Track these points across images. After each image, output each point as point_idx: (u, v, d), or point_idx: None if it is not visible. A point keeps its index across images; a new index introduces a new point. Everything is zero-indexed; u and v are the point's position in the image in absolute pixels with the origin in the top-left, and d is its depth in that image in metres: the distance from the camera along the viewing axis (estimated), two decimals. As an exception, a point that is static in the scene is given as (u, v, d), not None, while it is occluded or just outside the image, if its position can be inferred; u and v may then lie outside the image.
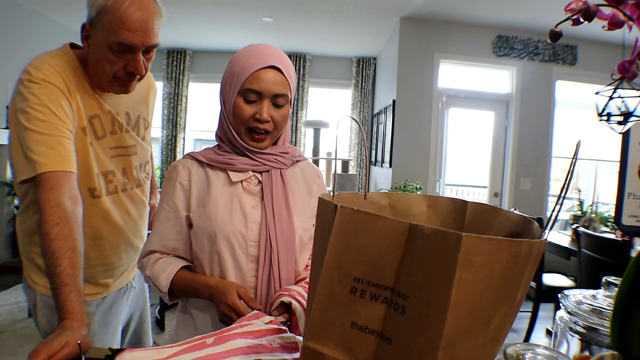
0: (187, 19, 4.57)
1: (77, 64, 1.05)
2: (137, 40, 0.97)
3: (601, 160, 4.97)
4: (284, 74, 0.93)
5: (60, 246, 0.86)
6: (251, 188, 0.98)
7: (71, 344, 0.75)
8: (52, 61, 1.00)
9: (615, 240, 2.41)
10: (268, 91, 0.92)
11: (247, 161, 0.97)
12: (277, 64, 0.92)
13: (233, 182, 0.97)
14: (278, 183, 0.98)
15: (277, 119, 0.95)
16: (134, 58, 1.00)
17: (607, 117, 2.24)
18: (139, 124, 1.22)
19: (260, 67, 0.91)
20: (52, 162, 0.92)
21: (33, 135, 0.93)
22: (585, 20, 0.71)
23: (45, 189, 0.90)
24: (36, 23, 4.42)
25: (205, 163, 0.99)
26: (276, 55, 0.94)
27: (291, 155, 1.03)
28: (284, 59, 0.95)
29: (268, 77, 0.91)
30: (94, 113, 1.08)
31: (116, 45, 0.97)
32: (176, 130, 5.76)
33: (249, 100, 0.93)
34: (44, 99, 0.95)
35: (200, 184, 0.98)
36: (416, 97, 4.25)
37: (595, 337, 0.58)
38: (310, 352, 0.48)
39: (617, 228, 0.76)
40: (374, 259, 0.45)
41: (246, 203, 0.96)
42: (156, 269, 0.97)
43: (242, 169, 0.97)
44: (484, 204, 0.61)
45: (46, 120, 0.94)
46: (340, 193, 0.62)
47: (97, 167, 1.09)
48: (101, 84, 1.06)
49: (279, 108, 0.94)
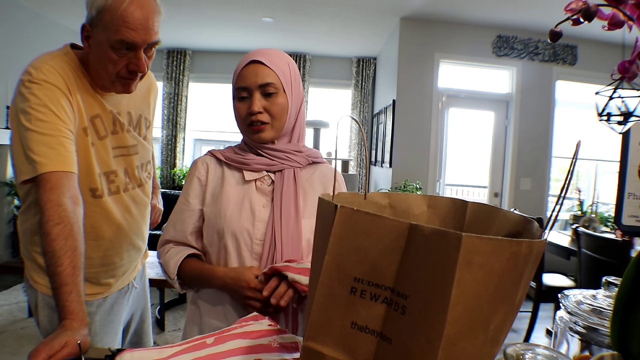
0: (187, 19, 4.57)
1: (77, 64, 1.05)
2: (139, 38, 0.98)
3: (601, 160, 4.97)
4: (267, 64, 0.95)
5: (60, 246, 0.86)
6: (264, 187, 1.00)
7: (71, 344, 0.75)
8: (52, 62, 1.00)
9: (615, 240, 2.41)
10: (253, 84, 0.95)
11: (260, 160, 1.00)
12: (258, 58, 0.95)
13: (246, 181, 1.00)
14: (289, 183, 0.99)
15: (270, 108, 0.96)
16: (136, 56, 1.01)
17: (607, 117, 2.24)
18: (140, 124, 1.22)
19: (243, 65, 0.96)
20: (52, 162, 0.92)
21: (34, 135, 0.93)
22: (585, 20, 0.71)
23: (45, 189, 0.90)
24: (36, 23, 4.42)
25: (223, 161, 1.03)
26: (260, 52, 0.97)
27: (306, 155, 1.04)
28: (268, 53, 0.97)
29: (251, 72, 0.95)
30: (96, 113, 1.08)
31: (118, 43, 0.97)
32: (176, 130, 5.76)
33: (241, 98, 0.97)
34: (44, 100, 0.95)
35: (216, 180, 1.02)
36: (416, 97, 4.25)
37: (595, 337, 0.58)
38: (310, 352, 0.48)
39: (617, 228, 0.76)
40: (374, 259, 0.45)
41: (256, 202, 0.98)
42: (167, 256, 1.02)
43: (256, 169, 1.00)
44: (484, 204, 0.61)
45: (47, 120, 0.94)
46: (340, 193, 0.62)
47: (99, 167, 1.09)
48: (104, 83, 1.06)
49: (270, 97, 0.96)
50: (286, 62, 1.00)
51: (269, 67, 0.95)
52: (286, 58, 1.01)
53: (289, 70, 0.99)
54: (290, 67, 1.00)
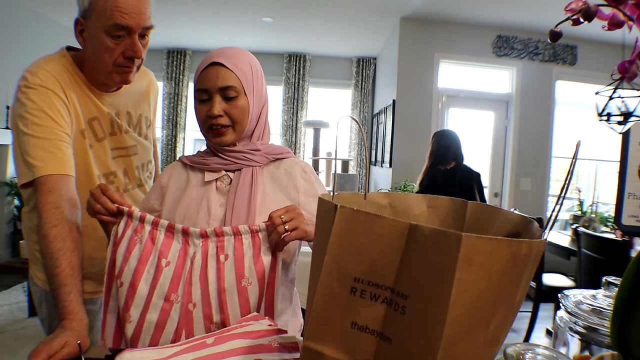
0: (187, 19, 4.57)
1: (74, 67, 1.06)
2: (133, 22, 0.98)
3: (601, 160, 4.97)
4: (228, 66, 0.94)
5: (59, 247, 0.87)
6: (222, 187, 1.01)
7: (71, 343, 0.75)
8: (48, 66, 1.01)
9: (615, 240, 2.41)
10: (213, 86, 0.94)
11: (219, 161, 1.00)
12: (219, 60, 0.94)
13: (207, 182, 1.01)
14: (245, 182, 0.99)
15: (231, 111, 0.96)
16: (131, 42, 1.00)
17: (607, 117, 2.24)
18: (140, 123, 1.22)
19: (204, 67, 0.95)
20: (49, 165, 0.93)
21: (31, 139, 0.94)
22: (585, 20, 0.71)
23: (43, 192, 0.91)
24: (36, 23, 4.42)
25: (188, 165, 1.04)
26: (222, 53, 0.96)
27: (265, 153, 1.02)
28: (230, 54, 0.96)
29: (211, 74, 0.94)
30: (93, 115, 1.08)
31: (112, 28, 0.97)
32: (176, 130, 5.76)
33: (201, 100, 0.96)
34: (40, 104, 0.96)
35: (179, 184, 1.04)
36: (416, 97, 4.25)
37: (595, 337, 0.58)
38: (310, 352, 0.48)
39: (617, 228, 0.76)
40: (374, 259, 0.45)
41: (214, 201, 0.99)
42: None
43: (215, 169, 1.00)
44: (484, 204, 0.61)
45: (43, 124, 0.95)
46: (340, 193, 0.62)
47: (98, 168, 1.10)
48: (101, 78, 1.06)
49: (231, 100, 0.95)
50: (248, 63, 0.98)
51: (230, 70, 0.94)
52: (249, 58, 0.99)
53: (250, 71, 0.98)
54: (253, 68, 0.99)
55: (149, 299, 0.84)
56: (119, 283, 0.85)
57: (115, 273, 0.86)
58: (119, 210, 0.87)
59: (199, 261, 0.85)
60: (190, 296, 0.84)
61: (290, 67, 5.75)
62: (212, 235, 0.86)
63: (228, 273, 0.84)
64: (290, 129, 5.79)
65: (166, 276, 0.85)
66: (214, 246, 0.86)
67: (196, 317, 0.84)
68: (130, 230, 0.87)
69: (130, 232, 0.87)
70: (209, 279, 0.84)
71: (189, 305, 0.84)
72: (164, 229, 0.87)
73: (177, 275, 0.85)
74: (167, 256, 0.86)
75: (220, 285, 0.84)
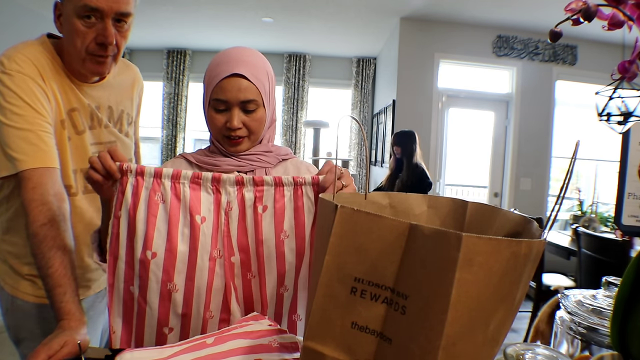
0: (187, 19, 4.57)
1: (54, 54, 1.00)
2: (104, 4, 0.91)
3: (601, 160, 4.97)
4: (250, 79, 0.91)
5: (50, 247, 0.84)
6: None
7: (70, 343, 0.74)
8: (25, 50, 0.95)
9: (615, 240, 2.41)
10: (234, 99, 0.91)
11: (232, 162, 0.98)
12: (241, 71, 0.90)
13: None
14: None
15: (250, 124, 0.94)
16: (103, 27, 0.94)
17: (607, 117, 2.23)
18: (122, 119, 1.17)
19: (224, 76, 0.90)
20: (33, 159, 0.88)
21: (11, 131, 0.89)
22: (585, 20, 0.71)
23: (28, 188, 0.87)
24: (36, 22, 4.41)
25: (194, 163, 1.00)
26: (242, 61, 0.92)
27: (275, 154, 1.03)
28: (250, 63, 0.93)
29: (232, 86, 0.90)
30: (73, 106, 1.03)
31: (82, 9, 0.91)
32: (176, 130, 5.76)
33: (218, 110, 0.93)
34: (18, 92, 0.90)
35: None
36: (416, 97, 4.25)
37: (595, 337, 0.58)
38: (310, 352, 0.48)
39: (617, 228, 0.76)
40: (374, 259, 0.45)
41: None
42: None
43: (227, 170, 0.98)
44: (484, 204, 0.61)
45: (23, 114, 0.90)
46: (340, 193, 0.62)
47: (73, 163, 1.05)
48: (77, 65, 1.00)
49: (250, 113, 0.93)
50: (266, 72, 0.96)
51: (251, 82, 0.91)
52: (266, 66, 0.97)
53: (268, 80, 0.97)
54: (269, 76, 0.98)
55: (192, 262, 0.79)
56: (150, 255, 0.78)
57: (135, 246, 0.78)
58: (122, 169, 0.77)
59: (236, 211, 0.81)
60: (232, 249, 0.82)
61: (290, 67, 5.75)
62: (249, 184, 0.81)
63: (267, 227, 0.81)
64: (290, 129, 5.79)
65: (205, 233, 0.80)
66: (252, 196, 0.81)
67: (237, 269, 0.83)
68: (145, 191, 0.78)
69: (145, 193, 0.78)
70: (248, 231, 0.82)
71: (232, 258, 0.82)
72: (188, 180, 0.80)
73: (215, 229, 0.81)
74: (200, 211, 0.80)
75: (257, 237, 0.81)
